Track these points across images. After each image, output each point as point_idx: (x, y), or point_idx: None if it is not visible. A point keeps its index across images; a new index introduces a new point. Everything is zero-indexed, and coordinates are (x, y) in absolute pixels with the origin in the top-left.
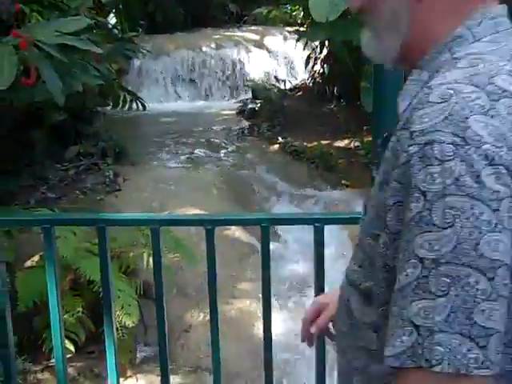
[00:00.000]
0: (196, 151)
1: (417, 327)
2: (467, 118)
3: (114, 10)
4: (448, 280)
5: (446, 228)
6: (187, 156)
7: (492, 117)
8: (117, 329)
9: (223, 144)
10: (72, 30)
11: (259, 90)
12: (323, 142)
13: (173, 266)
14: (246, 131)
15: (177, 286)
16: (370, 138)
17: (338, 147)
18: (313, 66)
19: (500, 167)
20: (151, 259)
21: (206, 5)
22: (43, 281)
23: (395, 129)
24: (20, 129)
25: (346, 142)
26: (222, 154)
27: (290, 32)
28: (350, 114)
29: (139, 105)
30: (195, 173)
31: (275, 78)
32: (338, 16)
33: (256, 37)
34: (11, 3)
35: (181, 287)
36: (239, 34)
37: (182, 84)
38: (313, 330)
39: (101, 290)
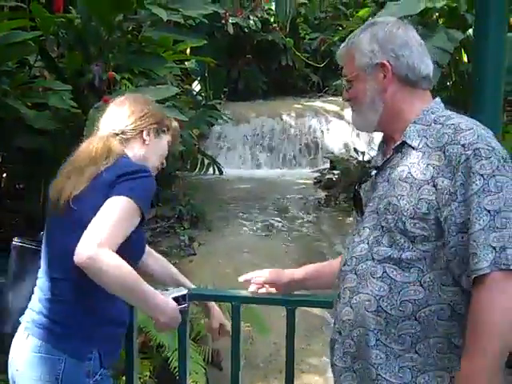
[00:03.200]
0: (272, 219)
1: (494, 248)
2: (487, 137)
3: (199, 78)
4: (505, 220)
5: (498, 192)
6: (263, 224)
7: (491, 138)
8: None
9: (299, 213)
10: (160, 97)
11: (338, 161)
12: None
13: (242, 335)
14: (322, 201)
15: (245, 356)
16: None
17: None
18: None
19: (509, 162)
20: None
21: (288, 74)
22: None
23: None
24: None
25: None
26: (298, 224)
27: None
28: None
29: (216, 169)
30: (270, 241)
31: (354, 149)
32: None
33: (336, 108)
34: (103, 70)
35: (249, 357)
36: (319, 104)
37: (261, 151)
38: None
39: (169, 355)
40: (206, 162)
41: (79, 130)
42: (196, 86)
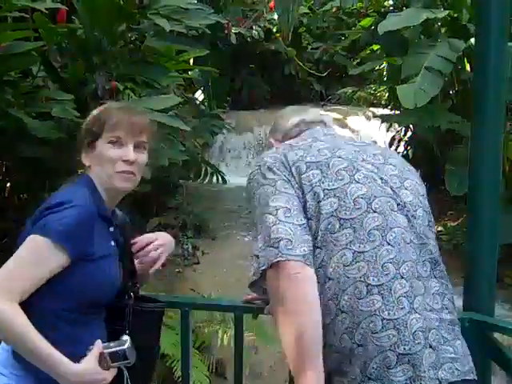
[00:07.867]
0: None
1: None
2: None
3: (202, 87)
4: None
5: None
6: None
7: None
8: None
9: None
10: (163, 107)
11: None
12: None
13: (247, 345)
14: None
15: (249, 366)
16: (454, 223)
17: None
18: (396, 148)
19: (274, 169)
20: (225, 337)
21: (291, 83)
22: None
23: None
24: None
25: None
26: None
27: (373, 113)
28: (432, 197)
29: (220, 178)
30: None
31: None
32: None
33: (339, 116)
34: (106, 80)
35: (253, 366)
36: (322, 112)
37: None
38: None
39: (173, 365)
40: (210, 170)
41: None
42: (199, 96)
